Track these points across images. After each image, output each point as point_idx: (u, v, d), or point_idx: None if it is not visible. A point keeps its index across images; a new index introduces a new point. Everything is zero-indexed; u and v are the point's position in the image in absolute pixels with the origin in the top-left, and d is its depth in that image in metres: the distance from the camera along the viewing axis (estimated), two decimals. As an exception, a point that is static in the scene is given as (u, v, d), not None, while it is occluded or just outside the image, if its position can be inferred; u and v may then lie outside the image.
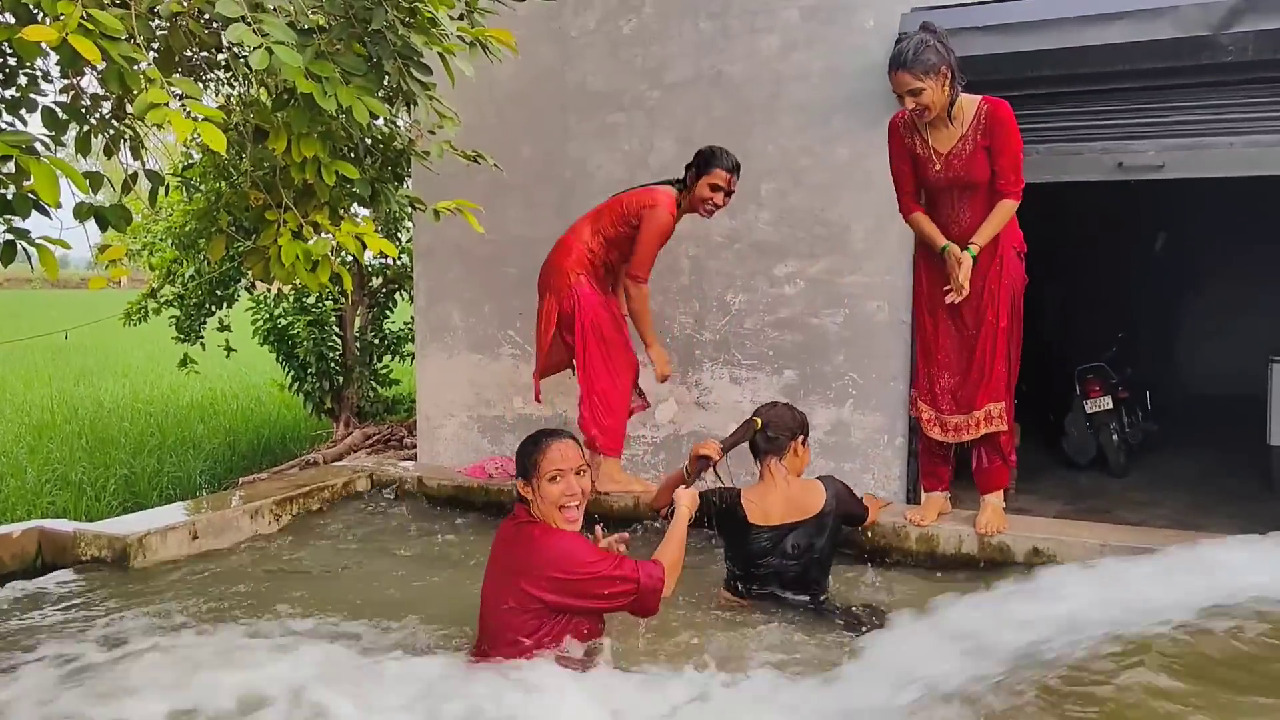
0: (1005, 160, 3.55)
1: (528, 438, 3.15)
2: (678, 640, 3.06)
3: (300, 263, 3.97)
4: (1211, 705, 2.40)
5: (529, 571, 2.88)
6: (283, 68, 3.19)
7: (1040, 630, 2.64)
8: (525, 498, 3.04)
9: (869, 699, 2.49)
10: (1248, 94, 4.66)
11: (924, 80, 3.51)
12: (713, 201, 4.22)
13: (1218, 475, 7.07)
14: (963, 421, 3.72)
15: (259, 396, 11.64)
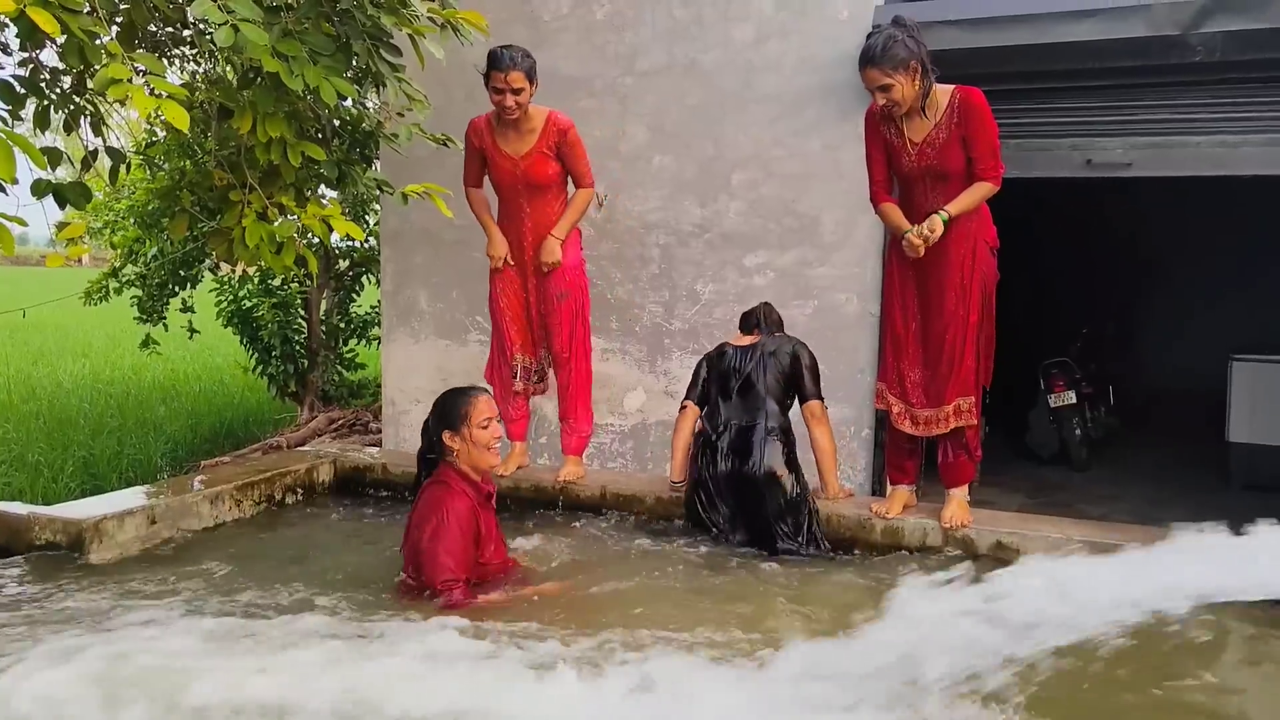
0: (982, 146, 3.55)
1: (446, 395, 3.36)
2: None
3: (265, 244, 3.92)
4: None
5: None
6: (248, 45, 3.13)
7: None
8: (451, 449, 3.23)
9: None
10: (1215, 94, 4.70)
11: (893, 76, 3.50)
12: (501, 104, 4.11)
13: (1177, 470, 7.18)
14: (933, 415, 3.73)
15: (222, 379, 11.49)
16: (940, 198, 3.61)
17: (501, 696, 2.40)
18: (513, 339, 4.43)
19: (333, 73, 3.41)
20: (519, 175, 4.26)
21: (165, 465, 8.09)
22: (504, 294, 4.43)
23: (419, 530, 3.15)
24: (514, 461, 4.45)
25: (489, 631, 2.79)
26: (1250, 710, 2.53)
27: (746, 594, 3.28)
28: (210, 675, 2.41)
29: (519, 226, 4.35)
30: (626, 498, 4.13)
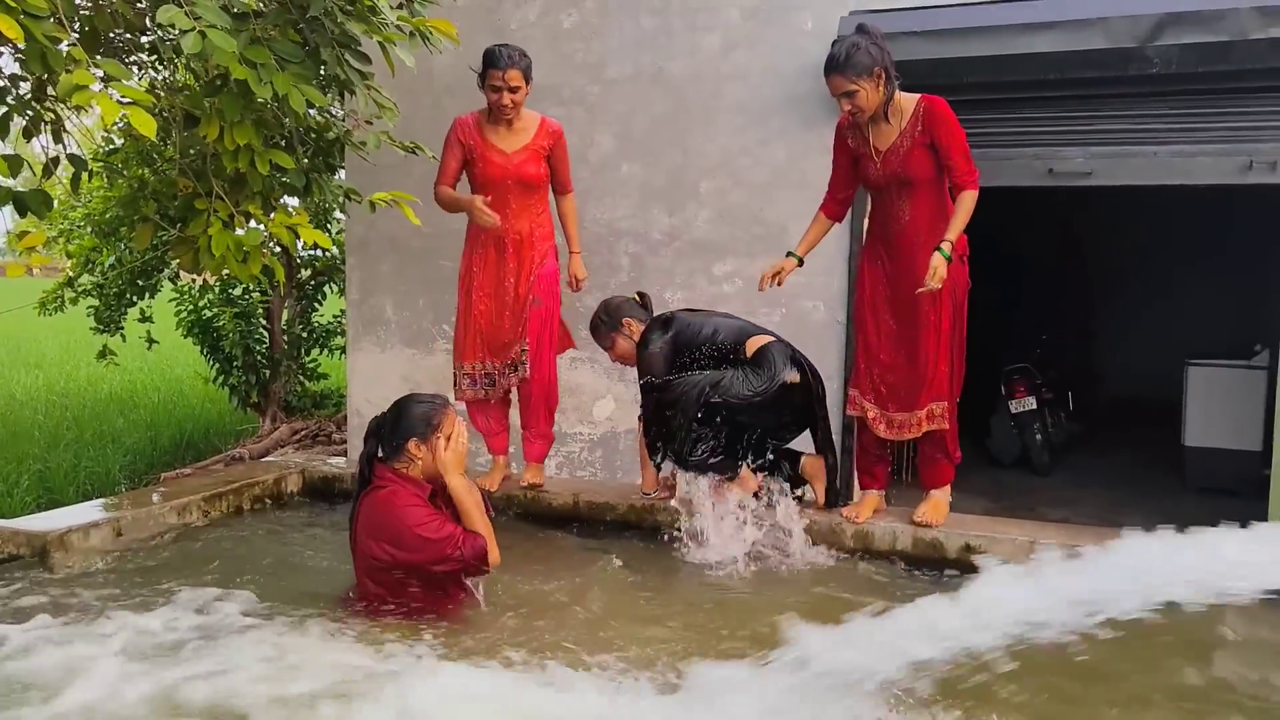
0: (953, 151, 3.59)
1: (415, 402, 3.29)
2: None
3: (231, 253, 3.88)
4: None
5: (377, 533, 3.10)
6: (216, 52, 3.10)
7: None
8: (415, 458, 3.17)
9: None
10: (1171, 105, 4.81)
11: (857, 82, 3.55)
12: (498, 103, 4.11)
13: (1136, 473, 7.30)
14: (906, 419, 3.77)
15: (181, 390, 11.33)
16: (907, 204, 3.66)
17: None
18: (486, 345, 4.35)
19: (301, 80, 3.39)
20: (510, 172, 4.23)
21: (124, 478, 7.96)
22: (478, 299, 4.36)
23: (391, 529, 3.07)
24: (498, 475, 4.39)
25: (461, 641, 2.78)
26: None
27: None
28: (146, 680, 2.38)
29: (500, 230, 4.29)
30: (599, 505, 4.13)
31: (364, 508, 3.17)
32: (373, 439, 3.28)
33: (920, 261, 3.65)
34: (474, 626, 3.03)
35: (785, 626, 2.76)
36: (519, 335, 4.32)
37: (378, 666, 2.56)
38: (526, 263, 4.30)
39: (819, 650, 2.62)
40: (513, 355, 4.35)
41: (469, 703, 2.41)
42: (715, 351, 3.95)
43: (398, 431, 3.23)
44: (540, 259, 4.33)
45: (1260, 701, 2.62)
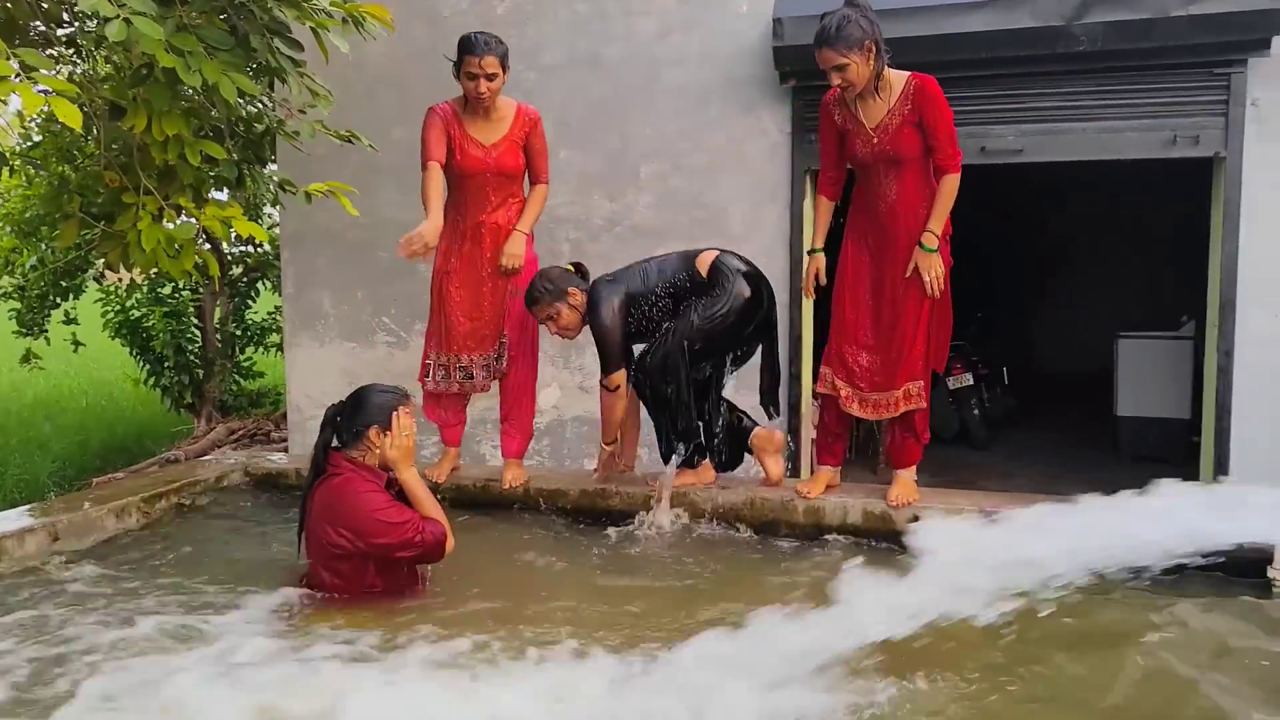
0: (940, 133, 3.58)
1: (376, 392, 3.25)
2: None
3: (162, 248, 3.78)
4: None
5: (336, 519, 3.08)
6: (142, 40, 3.02)
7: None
8: (374, 446, 3.15)
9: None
10: (1098, 82, 4.91)
11: (848, 56, 3.51)
12: (475, 91, 4.03)
13: (1071, 445, 7.48)
14: (882, 399, 3.77)
15: (111, 393, 11.03)
16: (894, 182, 3.65)
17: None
18: (461, 337, 4.20)
19: (232, 68, 3.31)
20: (490, 163, 4.11)
21: (53, 485, 7.74)
22: (455, 289, 4.20)
23: (347, 515, 3.05)
24: (448, 465, 4.31)
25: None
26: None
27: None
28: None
29: (478, 218, 4.17)
30: (550, 492, 4.11)
31: (320, 496, 3.12)
32: (329, 427, 3.24)
33: (905, 241, 3.66)
34: (434, 611, 3.00)
35: (740, 607, 2.79)
36: (499, 327, 4.22)
37: (340, 658, 2.52)
38: (501, 256, 4.19)
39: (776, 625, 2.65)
40: (494, 348, 4.24)
41: (438, 685, 2.39)
42: (671, 288, 3.90)
43: (358, 419, 3.18)
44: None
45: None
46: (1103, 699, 2.43)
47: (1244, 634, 2.81)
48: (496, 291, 4.21)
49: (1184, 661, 2.59)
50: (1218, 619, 2.88)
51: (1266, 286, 4.78)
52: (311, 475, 3.22)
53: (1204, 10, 4.56)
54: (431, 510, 3.19)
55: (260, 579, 3.27)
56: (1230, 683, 2.49)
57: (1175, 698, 2.44)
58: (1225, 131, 4.76)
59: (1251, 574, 3.19)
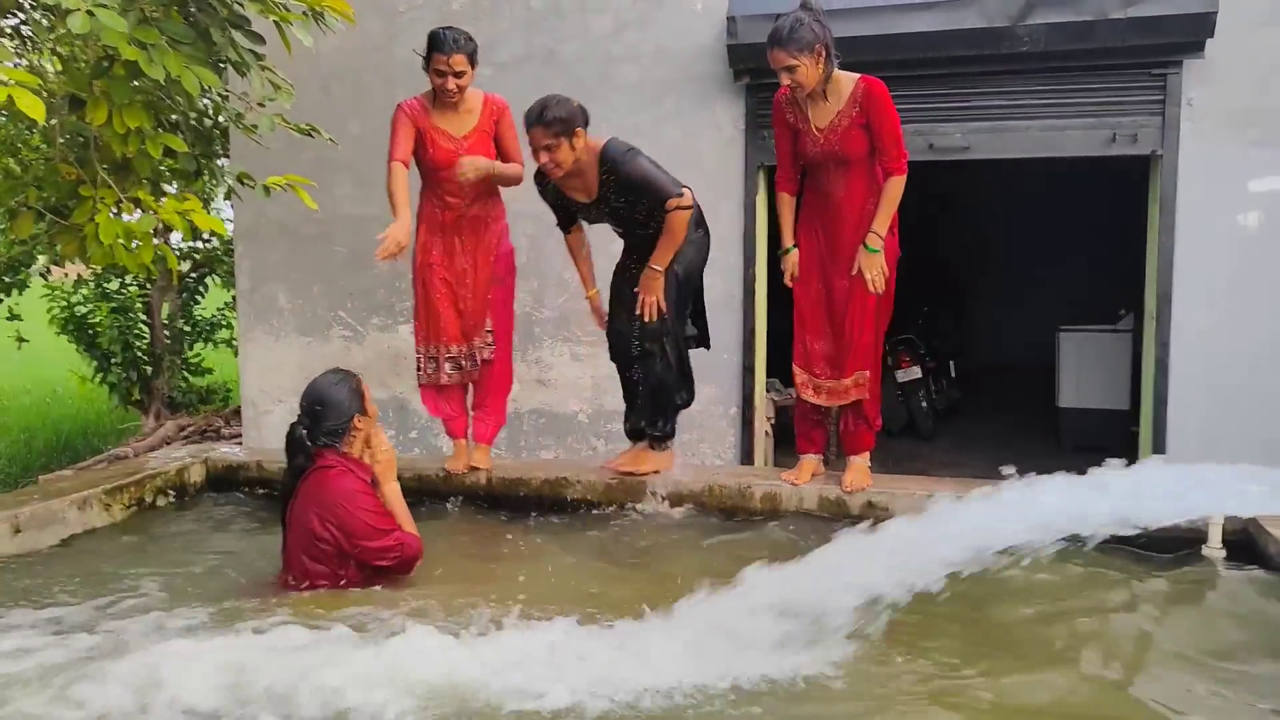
0: (885, 136, 3.67)
1: (328, 387, 3.24)
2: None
3: (120, 242, 3.77)
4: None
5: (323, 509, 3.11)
6: (105, 32, 3.02)
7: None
8: (357, 431, 3.21)
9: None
10: (1042, 81, 5.07)
11: (798, 58, 3.60)
12: (443, 87, 4.06)
13: (1015, 435, 7.68)
14: (834, 386, 3.89)
15: (55, 390, 10.85)
16: (842, 181, 3.76)
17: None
18: (448, 328, 4.20)
19: (194, 61, 3.32)
20: (461, 155, 4.11)
21: (-1, 483, 7.63)
22: (439, 282, 4.21)
23: (338, 511, 3.08)
24: (461, 457, 4.29)
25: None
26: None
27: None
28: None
29: (457, 210, 4.18)
30: (511, 482, 4.17)
31: (311, 485, 3.14)
32: (300, 445, 3.22)
33: (851, 238, 3.77)
34: (411, 596, 3.06)
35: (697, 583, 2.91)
36: (484, 316, 4.25)
37: (327, 641, 2.56)
38: (484, 244, 4.22)
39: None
40: (479, 336, 4.26)
41: (426, 660, 2.45)
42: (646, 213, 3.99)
43: (336, 414, 3.20)
44: (497, 240, 4.27)
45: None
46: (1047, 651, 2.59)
47: (1175, 597, 3.02)
48: (479, 281, 4.23)
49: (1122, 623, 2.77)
50: (1159, 585, 3.08)
51: (1201, 280, 4.97)
52: (290, 481, 3.23)
53: (1141, 13, 4.73)
54: (409, 525, 3.28)
55: (235, 572, 3.30)
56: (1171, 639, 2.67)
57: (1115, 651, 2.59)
58: (1162, 130, 4.94)
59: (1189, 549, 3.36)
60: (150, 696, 2.27)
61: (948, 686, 2.46)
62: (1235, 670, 2.55)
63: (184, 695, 2.27)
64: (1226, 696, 2.41)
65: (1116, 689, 2.47)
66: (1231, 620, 2.88)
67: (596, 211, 4.07)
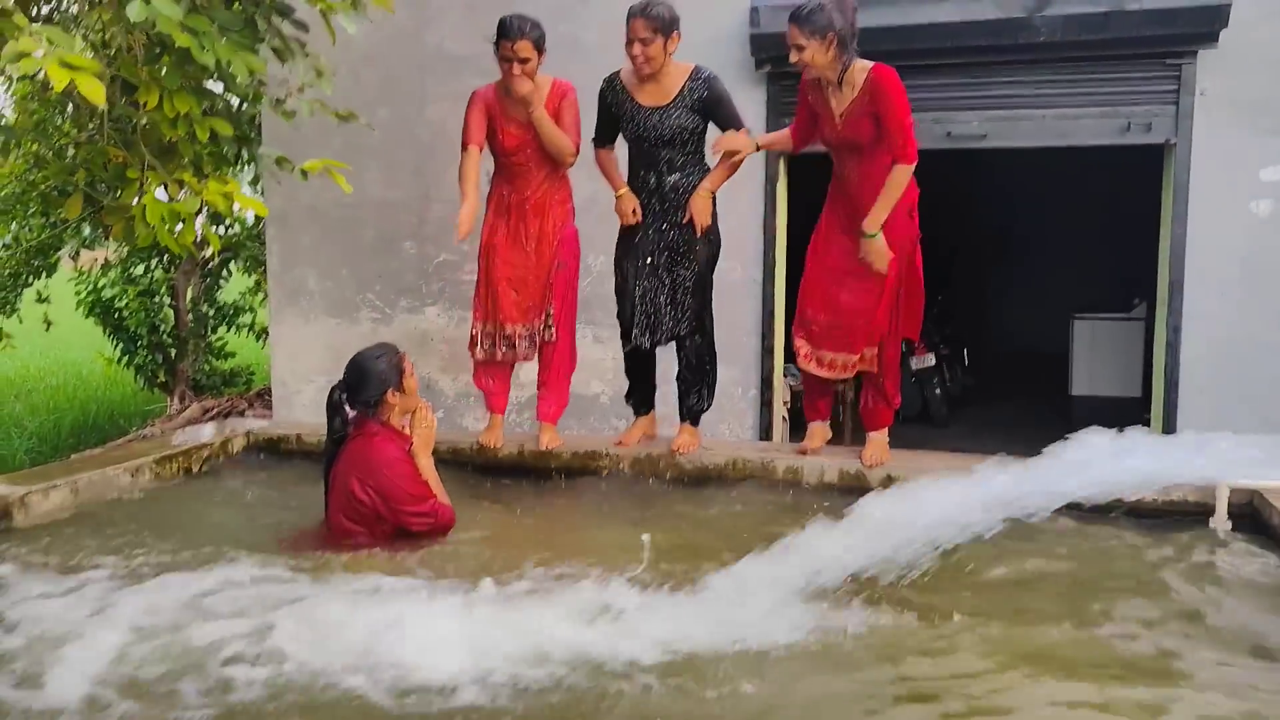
0: (890, 124, 3.73)
1: (380, 357, 3.41)
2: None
3: (164, 223, 3.91)
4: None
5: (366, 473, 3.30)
6: (160, 19, 3.15)
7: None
8: (392, 405, 3.39)
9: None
10: (1057, 71, 5.17)
11: (807, 40, 3.70)
12: (509, 72, 4.18)
13: (1028, 423, 7.75)
14: (836, 359, 4.00)
15: (81, 372, 11.04)
16: (856, 166, 3.87)
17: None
18: (507, 307, 4.30)
19: (242, 48, 3.45)
20: (527, 141, 4.21)
21: (30, 462, 7.79)
22: (501, 263, 4.30)
23: (376, 476, 3.26)
24: (496, 431, 4.41)
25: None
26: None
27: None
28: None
29: (522, 194, 4.28)
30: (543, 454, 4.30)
31: (352, 450, 3.33)
32: (338, 408, 3.42)
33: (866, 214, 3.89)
34: (450, 554, 3.25)
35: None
36: (545, 300, 4.32)
37: (368, 593, 2.74)
38: (548, 228, 4.29)
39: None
40: (539, 318, 4.34)
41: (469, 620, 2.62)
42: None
43: (369, 387, 3.37)
44: (561, 223, 4.35)
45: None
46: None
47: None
48: (541, 265, 4.30)
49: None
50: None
51: (1213, 267, 5.07)
52: (330, 448, 3.42)
53: (1156, 4, 4.83)
54: (443, 495, 3.46)
55: (279, 532, 3.48)
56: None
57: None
58: (1175, 120, 5.04)
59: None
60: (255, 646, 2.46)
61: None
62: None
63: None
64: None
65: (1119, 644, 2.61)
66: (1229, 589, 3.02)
67: (653, 120, 4.19)
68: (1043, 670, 2.44)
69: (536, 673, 2.38)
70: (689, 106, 4.14)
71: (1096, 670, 2.45)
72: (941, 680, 2.44)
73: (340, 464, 3.34)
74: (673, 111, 4.15)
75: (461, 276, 6.00)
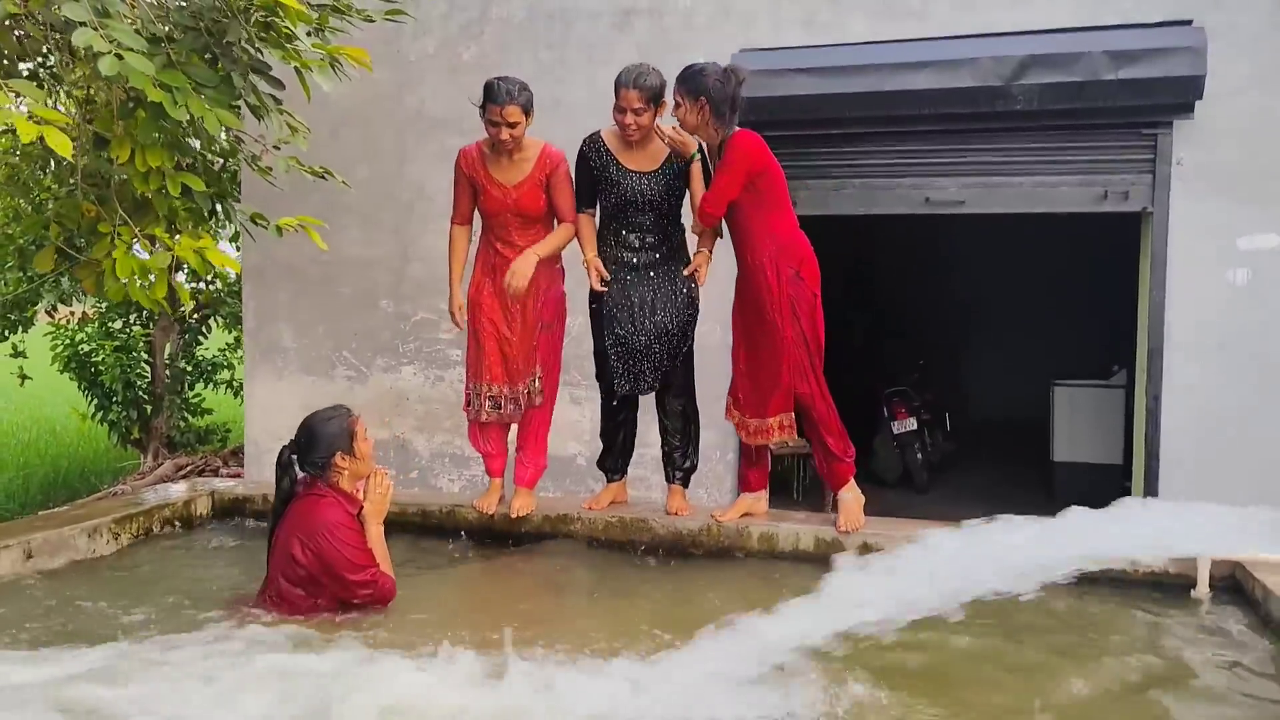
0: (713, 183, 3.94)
1: (328, 419, 3.35)
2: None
3: (135, 277, 3.86)
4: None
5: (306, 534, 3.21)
6: (132, 75, 3.13)
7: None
8: (341, 470, 3.29)
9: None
10: (1035, 139, 5.22)
11: (682, 99, 3.93)
12: (497, 137, 4.07)
13: (1009, 489, 7.71)
14: (758, 425, 4.00)
15: (54, 428, 10.89)
16: (735, 227, 4.03)
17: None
18: (494, 369, 4.22)
19: (217, 104, 3.44)
20: (509, 205, 4.16)
21: (-4, 518, 7.64)
22: (487, 322, 4.24)
23: (318, 541, 3.16)
24: (493, 498, 4.32)
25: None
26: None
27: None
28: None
29: (507, 253, 4.19)
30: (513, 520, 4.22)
31: (297, 510, 3.25)
32: (287, 468, 3.35)
33: (753, 279, 3.94)
34: (387, 623, 3.16)
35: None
36: (532, 362, 4.25)
37: (310, 665, 2.64)
38: (534, 290, 4.17)
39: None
40: (526, 381, 4.26)
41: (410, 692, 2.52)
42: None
43: (318, 449, 3.29)
44: (547, 285, 4.27)
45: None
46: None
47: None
48: (527, 325, 4.23)
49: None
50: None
51: (1191, 334, 5.07)
52: (278, 507, 3.33)
53: (1132, 75, 4.88)
54: (387, 566, 3.35)
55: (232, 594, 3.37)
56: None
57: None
58: (1153, 188, 5.08)
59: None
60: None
61: None
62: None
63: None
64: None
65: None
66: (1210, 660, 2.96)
67: (641, 185, 4.14)
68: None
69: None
70: (676, 174, 4.13)
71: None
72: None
73: (284, 525, 3.25)
74: (660, 178, 4.13)
75: (439, 335, 5.95)
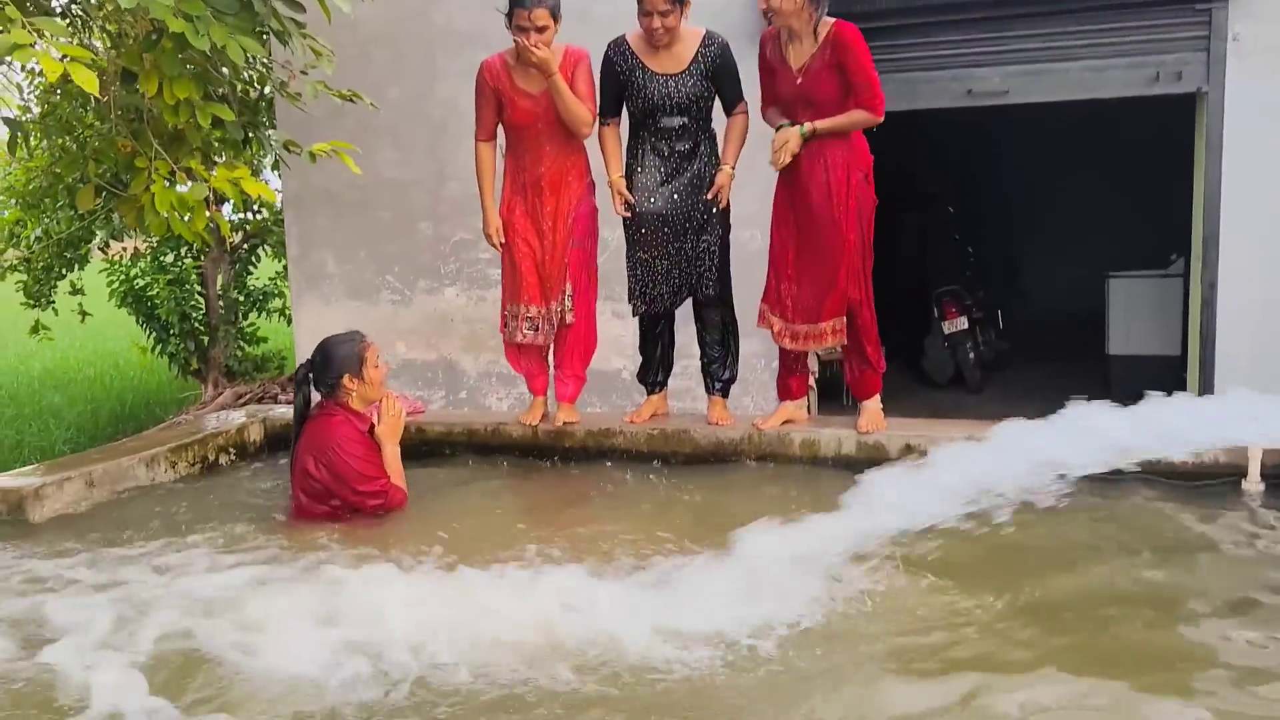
0: (858, 78, 3.70)
1: (339, 343, 3.56)
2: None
3: (175, 211, 3.91)
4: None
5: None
6: (152, 5, 3.12)
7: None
8: (349, 390, 3.49)
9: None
10: (1080, 22, 5.01)
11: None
12: (526, 43, 3.92)
13: (1064, 385, 7.56)
14: (809, 330, 3.92)
15: (117, 362, 11.18)
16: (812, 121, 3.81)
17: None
18: (531, 290, 4.19)
19: (239, 31, 3.42)
20: (540, 115, 4.05)
21: (68, 451, 7.90)
22: (520, 242, 4.18)
23: (329, 455, 3.38)
24: (537, 412, 4.35)
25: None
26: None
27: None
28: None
29: (536, 170, 4.12)
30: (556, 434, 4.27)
31: (310, 430, 3.48)
32: (304, 386, 3.58)
33: (826, 181, 3.80)
34: (406, 530, 3.34)
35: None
36: (563, 278, 4.19)
37: (353, 574, 2.76)
38: (564, 204, 4.12)
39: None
40: (558, 298, 4.21)
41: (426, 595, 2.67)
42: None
43: (330, 371, 3.51)
44: (577, 199, 4.18)
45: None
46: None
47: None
48: (558, 242, 4.17)
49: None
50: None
51: (1248, 218, 4.90)
52: (297, 424, 3.55)
53: (1184, -53, 4.65)
54: (400, 480, 3.55)
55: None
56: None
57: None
58: (1207, 67, 4.87)
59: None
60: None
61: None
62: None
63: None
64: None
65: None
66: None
67: (668, 88, 4.05)
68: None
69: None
70: (703, 74, 4.03)
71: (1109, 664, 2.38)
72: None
73: (300, 442, 3.48)
74: (687, 79, 4.04)
75: (478, 255, 5.96)
